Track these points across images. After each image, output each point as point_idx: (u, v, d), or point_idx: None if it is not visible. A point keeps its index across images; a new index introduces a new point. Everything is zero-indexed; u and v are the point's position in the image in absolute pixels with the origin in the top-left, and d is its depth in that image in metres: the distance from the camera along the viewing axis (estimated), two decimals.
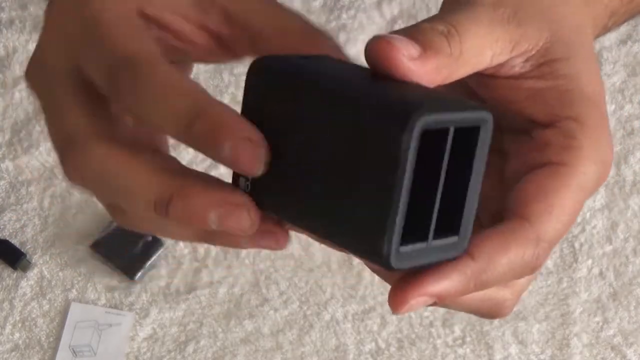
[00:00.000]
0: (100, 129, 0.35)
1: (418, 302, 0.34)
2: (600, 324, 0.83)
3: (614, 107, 0.90)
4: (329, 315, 0.84)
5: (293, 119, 0.33)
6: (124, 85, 0.34)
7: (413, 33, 0.35)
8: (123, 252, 0.84)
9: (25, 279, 0.85)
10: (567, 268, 0.85)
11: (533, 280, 0.40)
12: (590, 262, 0.85)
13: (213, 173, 0.35)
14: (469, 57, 0.35)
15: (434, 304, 0.35)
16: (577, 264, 0.85)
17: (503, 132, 0.40)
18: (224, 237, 0.35)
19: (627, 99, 0.91)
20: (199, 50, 0.38)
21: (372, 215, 0.31)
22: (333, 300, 0.84)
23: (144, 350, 0.83)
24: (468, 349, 0.83)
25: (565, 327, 0.83)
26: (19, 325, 0.84)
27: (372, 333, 0.83)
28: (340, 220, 0.33)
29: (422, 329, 0.83)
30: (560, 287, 0.84)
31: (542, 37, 0.37)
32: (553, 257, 0.85)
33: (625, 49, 0.92)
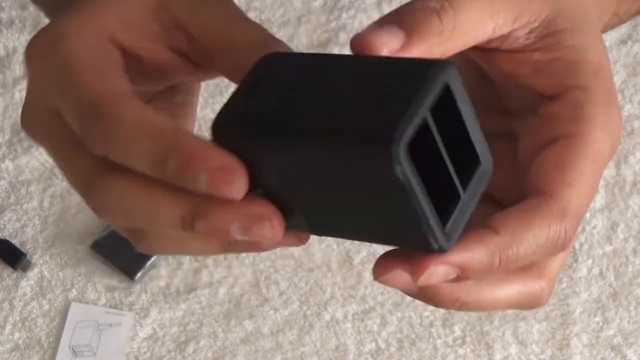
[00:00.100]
0: (109, 164, 0.35)
1: (438, 271, 0.33)
2: (600, 324, 0.83)
3: None
4: (329, 315, 0.84)
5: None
6: (93, 132, 0.34)
7: (401, 16, 0.35)
8: (123, 252, 0.84)
9: (25, 279, 0.85)
10: (567, 268, 0.85)
11: (565, 265, 0.39)
12: (590, 262, 0.85)
13: None
14: (466, 30, 0.35)
15: (458, 279, 0.34)
16: (577, 264, 0.85)
17: (511, 116, 0.40)
18: (248, 244, 0.35)
19: (627, 99, 0.91)
20: (175, 71, 0.39)
21: (406, 226, 0.32)
22: (333, 300, 0.84)
23: (144, 350, 0.83)
24: (468, 349, 0.83)
25: (565, 327, 0.83)
26: (19, 325, 0.84)
27: (372, 333, 0.83)
28: (376, 231, 0.34)
29: (422, 329, 0.83)
30: (560, 287, 0.84)
31: (544, 9, 0.37)
32: None
33: (625, 49, 0.92)
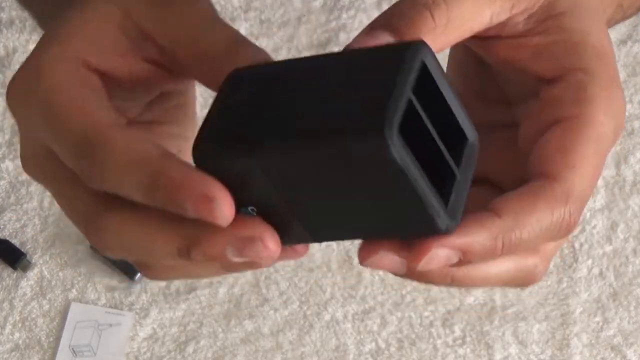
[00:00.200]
0: (107, 200, 0.35)
1: (439, 254, 0.33)
2: (600, 324, 0.83)
3: None
4: (329, 315, 0.84)
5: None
6: (85, 169, 0.35)
7: (391, 18, 0.35)
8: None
9: (25, 279, 0.85)
10: (567, 268, 0.85)
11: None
12: (590, 262, 0.85)
13: None
14: (461, 22, 0.35)
15: (460, 264, 0.34)
16: (577, 264, 0.85)
17: (511, 105, 0.40)
18: (248, 264, 0.35)
19: (627, 99, 0.91)
20: (156, 82, 0.39)
21: (409, 214, 0.32)
22: (333, 300, 0.84)
23: (144, 350, 0.83)
24: (468, 349, 0.83)
25: (565, 327, 0.83)
26: (19, 325, 0.84)
27: (372, 333, 0.83)
28: (379, 226, 0.33)
29: (422, 329, 0.83)
30: (560, 287, 0.84)
31: None
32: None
33: (625, 49, 0.92)
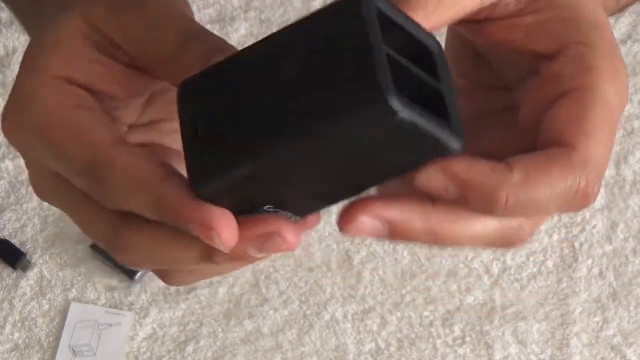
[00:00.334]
0: (121, 217, 0.35)
1: (438, 179, 0.32)
2: (600, 324, 0.83)
3: None
4: (329, 315, 0.84)
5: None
6: (95, 192, 0.35)
7: None
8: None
9: (25, 279, 0.85)
10: (567, 268, 0.85)
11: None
12: (590, 262, 0.85)
13: None
14: (453, 2, 0.35)
15: (460, 199, 0.32)
16: (577, 264, 0.85)
17: (509, 87, 0.39)
18: (271, 252, 0.35)
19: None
20: (142, 83, 0.38)
21: (423, 149, 0.31)
22: (333, 300, 0.84)
23: (144, 350, 0.83)
24: (468, 349, 0.83)
25: (565, 327, 0.83)
26: (19, 325, 0.84)
27: (372, 333, 0.83)
28: (390, 174, 0.32)
29: (422, 329, 0.83)
30: (560, 287, 0.84)
31: None
32: (553, 257, 0.85)
33: (625, 49, 0.92)
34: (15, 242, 0.86)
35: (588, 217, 0.87)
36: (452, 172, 0.32)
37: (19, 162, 0.88)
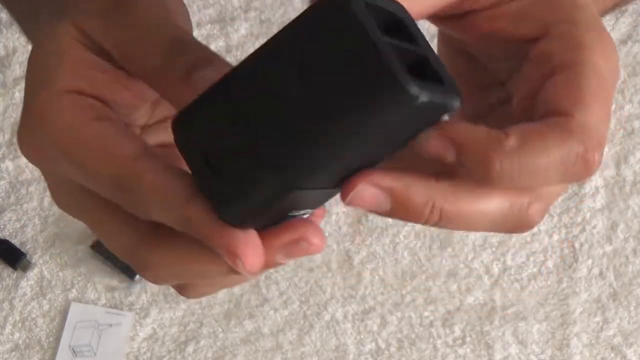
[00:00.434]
0: (149, 233, 0.35)
1: (438, 143, 0.32)
2: (600, 324, 0.83)
3: (614, 107, 0.90)
4: (329, 315, 0.84)
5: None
6: (124, 203, 0.34)
7: None
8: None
9: (25, 279, 0.85)
10: (567, 268, 0.85)
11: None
12: (590, 262, 0.85)
13: None
14: None
15: (455, 163, 0.32)
16: (577, 264, 0.85)
17: (504, 81, 0.39)
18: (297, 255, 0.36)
19: (627, 99, 0.91)
20: (145, 85, 0.38)
21: (432, 117, 0.31)
22: (333, 300, 0.84)
23: (144, 350, 0.83)
24: (468, 349, 0.83)
25: (565, 327, 0.83)
26: (19, 325, 0.84)
27: (372, 333, 0.83)
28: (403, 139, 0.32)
29: (422, 329, 0.83)
30: (560, 287, 0.84)
31: None
32: (553, 257, 0.86)
33: (625, 49, 0.92)
34: (15, 242, 0.86)
35: (588, 217, 0.87)
36: (450, 135, 0.32)
37: (19, 162, 0.88)
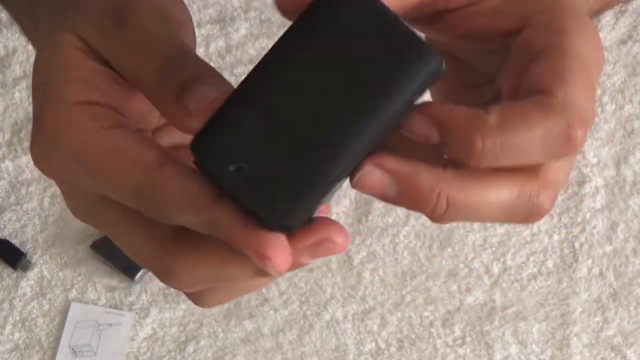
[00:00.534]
0: (172, 242, 0.35)
1: (422, 122, 0.32)
2: (600, 324, 0.83)
3: (614, 107, 0.90)
4: (329, 315, 0.84)
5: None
6: (147, 211, 0.34)
7: None
8: (123, 252, 0.84)
9: (25, 279, 0.85)
10: (567, 268, 0.85)
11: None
12: (590, 262, 0.85)
13: None
14: None
15: (441, 144, 0.32)
16: (577, 264, 0.85)
17: (494, 79, 0.39)
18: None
19: (627, 99, 0.91)
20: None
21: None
22: (333, 300, 0.84)
23: (144, 350, 0.83)
24: (468, 349, 0.83)
25: (565, 327, 0.83)
26: (19, 325, 0.84)
27: (372, 333, 0.83)
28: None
29: (422, 329, 0.83)
30: (560, 287, 0.84)
31: None
32: (553, 257, 0.85)
33: (625, 49, 0.92)
34: (15, 242, 0.86)
35: (588, 217, 0.87)
36: (432, 114, 0.32)
37: (19, 162, 0.88)
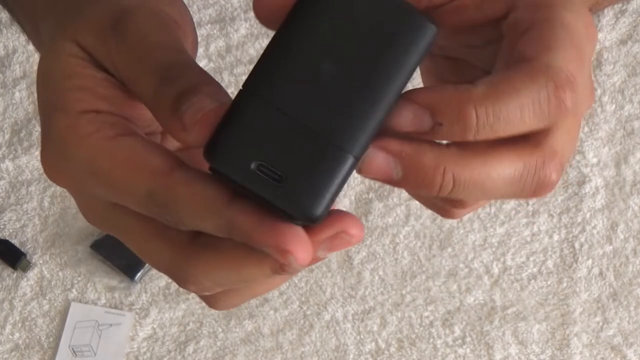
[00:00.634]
0: (188, 247, 0.34)
1: (407, 113, 0.32)
2: (600, 324, 0.83)
3: (614, 107, 0.90)
4: (329, 315, 0.84)
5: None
6: (162, 217, 0.34)
7: None
8: (123, 252, 0.83)
9: (25, 279, 0.85)
10: (567, 268, 0.85)
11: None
12: (590, 262, 0.85)
13: None
14: None
15: (434, 132, 0.32)
16: (577, 264, 0.85)
17: (489, 69, 0.39)
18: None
19: (627, 99, 0.91)
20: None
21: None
22: (333, 300, 0.84)
23: (144, 350, 0.83)
24: (468, 349, 0.83)
25: (565, 327, 0.83)
26: (19, 325, 0.84)
27: (372, 333, 0.83)
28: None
29: (422, 329, 0.83)
30: (560, 287, 0.84)
31: None
32: (553, 257, 0.85)
33: (625, 49, 0.92)
34: (15, 242, 0.86)
35: (588, 217, 0.87)
36: (421, 100, 0.32)
37: (19, 162, 0.88)
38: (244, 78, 0.35)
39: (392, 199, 0.87)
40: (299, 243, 0.32)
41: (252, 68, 0.33)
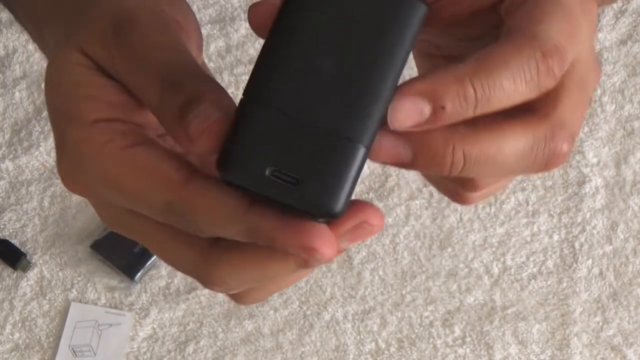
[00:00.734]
0: (210, 251, 0.34)
1: (408, 106, 0.32)
2: (600, 324, 0.83)
3: (614, 107, 0.90)
4: (329, 315, 0.84)
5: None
6: (181, 226, 0.34)
7: None
8: (123, 252, 0.84)
9: (25, 279, 0.85)
10: (567, 268, 0.85)
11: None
12: (590, 262, 0.85)
13: None
14: None
15: (436, 119, 0.32)
16: (577, 264, 0.85)
17: None
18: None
19: (627, 99, 0.91)
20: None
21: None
22: (333, 300, 0.84)
23: (144, 350, 0.83)
24: (468, 349, 0.83)
25: (565, 327, 0.83)
26: (19, 325, 0.84)
27: (372, 333, 0.83)
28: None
29: (422, 329, 0.83)
30: (560, 287, 0.84)
31: None
32: (553, 257, 0.86)
33: (625, 49, 0.92)
34: (15, 242, 0.86)
35: (588, 217, 0.87)
36: (418, 90, 0.32)
37: (19, 162, 0.88)
38: (244, 78, 0.35)
39: (392, 199, 0.87)
40: (324, 240, 0.32)
41: (251, 70, 0.33)
